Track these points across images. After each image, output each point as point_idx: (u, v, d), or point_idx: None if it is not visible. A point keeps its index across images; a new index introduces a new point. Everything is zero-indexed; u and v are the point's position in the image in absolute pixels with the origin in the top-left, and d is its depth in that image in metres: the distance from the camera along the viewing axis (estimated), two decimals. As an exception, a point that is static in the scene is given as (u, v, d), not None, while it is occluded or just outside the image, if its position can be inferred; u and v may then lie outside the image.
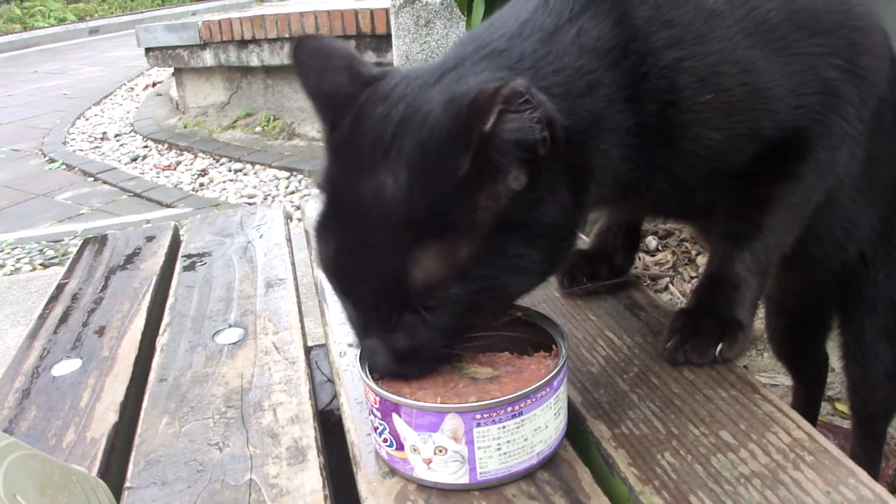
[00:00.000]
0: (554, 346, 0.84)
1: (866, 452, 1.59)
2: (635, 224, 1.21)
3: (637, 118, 0.85)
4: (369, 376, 0.80)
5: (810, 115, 0.94)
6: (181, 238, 1.57)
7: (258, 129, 5.82)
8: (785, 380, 2.01)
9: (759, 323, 1.93)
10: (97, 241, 1.57)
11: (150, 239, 1.56)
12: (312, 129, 5.55)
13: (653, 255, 3.06)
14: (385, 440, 0.79)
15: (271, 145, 5.50)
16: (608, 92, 0.83)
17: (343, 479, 0.84)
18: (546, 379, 0.75)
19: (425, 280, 0.72)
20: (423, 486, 0.78)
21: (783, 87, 0.91)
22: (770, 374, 2.17)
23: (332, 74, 0.82)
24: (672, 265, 2.83)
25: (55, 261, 3.77)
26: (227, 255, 1.41)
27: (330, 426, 0.98)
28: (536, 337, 0.86)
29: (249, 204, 4.45)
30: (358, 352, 0.83)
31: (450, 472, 0.75)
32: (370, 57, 4.96)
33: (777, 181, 0.97)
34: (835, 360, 1.65)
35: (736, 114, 0.90)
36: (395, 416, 0.76)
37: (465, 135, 0.70)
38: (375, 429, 0.80)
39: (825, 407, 1.99)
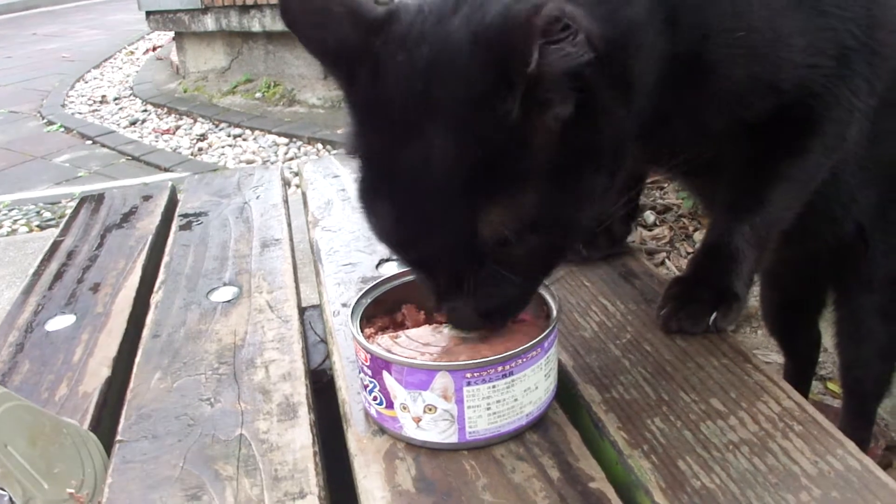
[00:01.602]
0: (545, 307, 0.84)
1: (856, 431, 1.58)
2: (634, 194, 1.20)
3: (671, 47, 0.81)
4: (360, 332, 0.80)
5: (824, 79, 0.93)
6: (178, 198, 1.56)
7: (258, 94, 5.80)
8: (778, 357, 2.02)
9: (754, 300, 1.93)
10: (94, 200, 1.57)
11: (146, 198, 1.56)
12: (313, 95, 5.52)
13: (650, 230, 3.06)
14: (375, 398, 0.79)
15: (271, 111, 5.47)
16: (646, 7, 0.78)
17: (333, 437, 0.85)
18: (537, 339, 0.75)
19: (498, 237, 0.69)
20: (412, 445, 0.78)
21: (804, 40, 0.90)
22: (763, 350, 2.17)
23: (334, 27, 0.74)
24: (669, 240, 2.83)
25: (52, 223, 3.76)
26: (223, 215, 1.41)
27: (322, 386, 0.98)
28: None
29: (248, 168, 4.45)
30: (350, 308, 0.83)
31: (439, 431, 0.76)
32: None
33: (784, 155, 0.97)
34: (827, 339, 1.65)
35: (761, 57, 0.88)
36: (385, 373, 0.76)
37: (506, 78, 0.65)
38: (365, 387, 0.80)
39: (817, 386, 2.00)
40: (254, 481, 0.75)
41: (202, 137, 5.13)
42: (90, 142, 5.25)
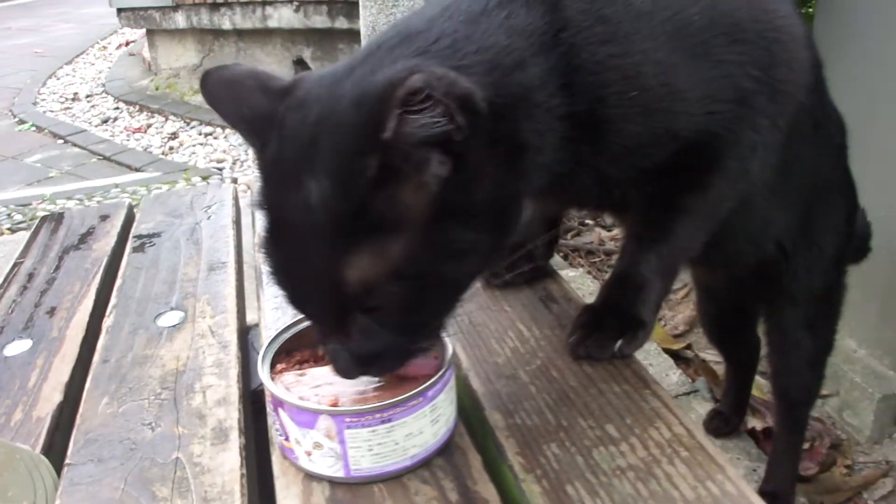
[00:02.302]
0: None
1: (788, 435, 1.68)
2: (555, 218, 1.26)
3: (570, 108, 0.86)
4: (266, 370, 0.88)
5: (723, 122, 0.96)
6: (135, 216, 1.63)
7: (230, 92, 5.83)
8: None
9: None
10: (53, 220, 1.63)
11: (104, 218, 1.62)
12: (284, 93, 5.56)
13: (609, 231, 3.14)
14: (277, 430, 0.86)
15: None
16: (540, 72, 0.83)
17: (268, 457, 0.92)
18: (416, 391, 0.80)
19: (362, 282, 0.73)
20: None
21: (700, 91, 0.93)
22: (714, 352, 2.26)
23: (248, 97, 0.81)
24: (625, 241, 2.90)
25: (23, 225, 3.81)
26: (175, 236, 1.47)
27: (261, 406, 1.05)
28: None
29: (218, 169, 4.50)
30: (264, 346, 0.90)
31: (327, 466, 0.82)
32: (342, 23, 4.99)
33: (686, 190, 1.01)
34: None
35: (655, 112, 0.92)
36: (280, 410, 0.83)
37: (370, 138, 0.69)
38: (273, 419, 0.87)
39: (767, 385, 2.08)
40: (186, 502, 0.82)
41: (173, 136, 5.18)
42: (62, 141, 5.30)
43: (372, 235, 0.72)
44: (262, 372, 0.88)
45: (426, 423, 0.82)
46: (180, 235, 1.47)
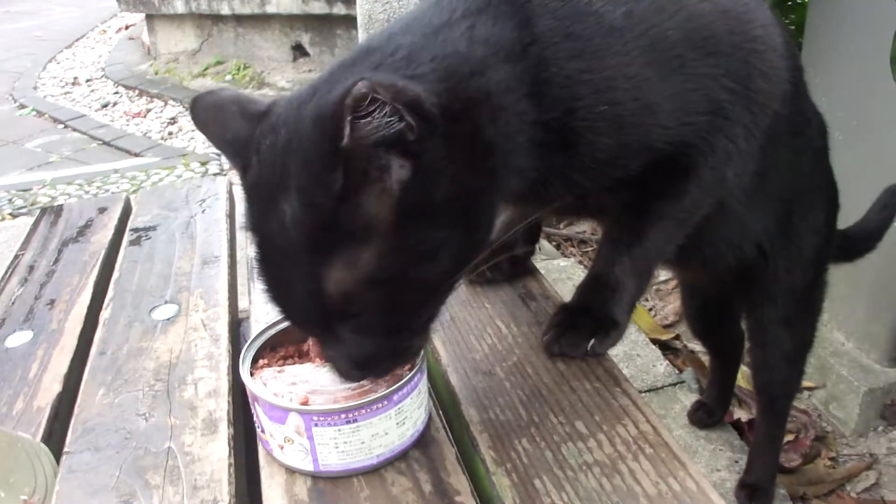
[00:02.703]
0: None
1: (769, 428, 1.73)
2: (536, 227, 1.29)
3: (539, 116, 0.88)
4: (247, 366, 0.93)
5: (699, 133, 0.99)
6: (132, 209, 1.67)
7: (228, 77, 5.87)
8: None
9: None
10: (53, 213, 1.67)
11: (102, 210, 1.67)
12: (282, 78, 5.60)
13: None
14: (256, 423, 0.92)
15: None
16: (505, 78, 0.86)
17: (255, 448, 0.96)
18: (380, 395, 0.84)
19: (341, 293, 0.76)
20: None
21: (673, 105, 0.95)
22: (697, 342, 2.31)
23: (231, 122, 0.86)
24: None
25: (24, 210, 3.85)
26: (170, 229, 1.52)
27: (250, 398, 1.10)
28: None
29: (217, 154, 4.53)
30: (248, 342, 0.95)
31: (298, 459, 0.87)
32: (340, 9, 5.01)
33: (661, 197, 1.04)
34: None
35: (627, 126, 0.94)
36: (256, 405, 0.89)
37: (330, 151, 0.72)
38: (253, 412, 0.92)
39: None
40: (176, 489, 0.87)
41: (173, 121, 5.21)
42: (62, 126, 5.33)
43: (344, 247, 0.75)
44: (242, 368, 0.93)
45: (391, 425, 0.86)
46: (175, 229, 1.52)
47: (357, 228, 0.75)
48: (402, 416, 0.86)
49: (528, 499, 0.82)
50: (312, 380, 0.91)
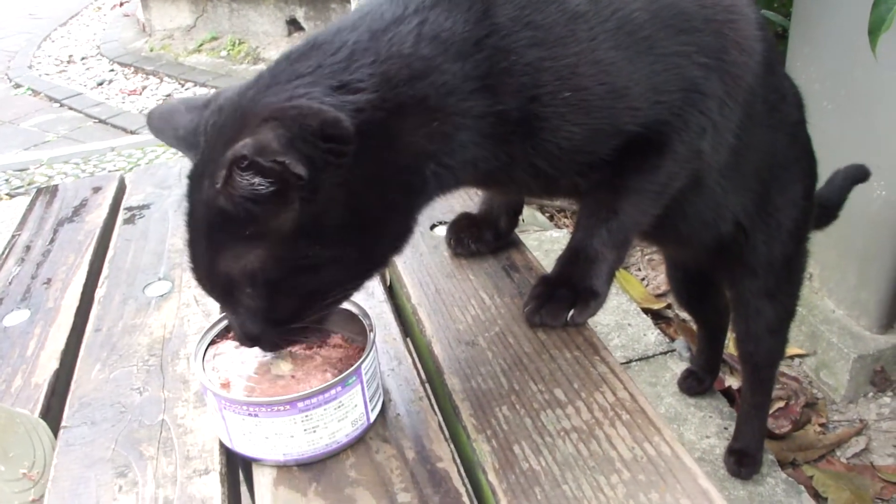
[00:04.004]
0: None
1: (755, 396, 1.77)
2: (517, 204, 1.31)
3: (492, 108, 0.90)
4: (202, 341, 0.97)
5: (671, 110, 1.00)
6: (126, 187, 1.70)
7: (223, 53, 5.87)
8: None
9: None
10: (48, 193, 1.70)
11: (96, 190, 1.69)
12: (277, 53, 5.48)
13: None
14: None
15: (236, 70, 5.55)
16: (448, 79, 0.87)
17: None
18: (285, 398, 0.85)
19: (227, 276, 0.84)
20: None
21: (643, 86, 0.96)
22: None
23: (179, 119, 0.93)
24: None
25: (21, 190, 3.86)
26: (163, 208, 1.55)
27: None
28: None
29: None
30: (202, 336, 0.98)
31: (220, 430, 0.91)
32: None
33: (636, 172, 1.05)
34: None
35: (595, 110, 0.95)
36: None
37: (229, 164, 0.76)
38: None
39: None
40: (170, 460, 0.91)
41: (168, 98, 5.21)
42: (58, 105, 5.35)
43: (234, 240, 0.82)
44: (201, 340, 0.97)
45: (298, 430, 0.86)
46: (168, 207, 1.55)
47: (250, 230, 0.81)
48: (312, 424, 0.86)
49: (508, 464, 0.85)
50: (248, 361, 0.94)
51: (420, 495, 0.83)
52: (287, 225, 0.80)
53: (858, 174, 1.73)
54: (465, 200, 1.38)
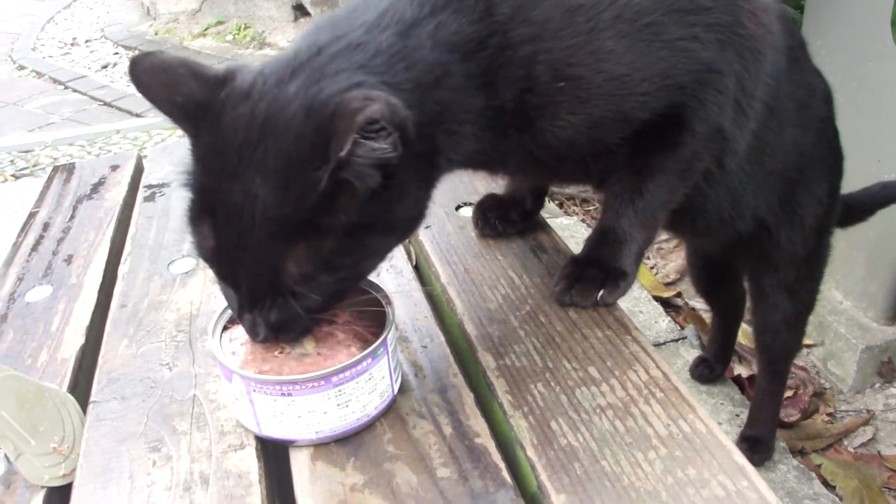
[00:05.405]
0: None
1: (770, 385, 1.78)
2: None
3: (490, 102, 0.91)
4: (216, 326, 0.95)
5: (684, 92, 1.00)
6: (143, 167, 1.69)
7: (229, 37, 5.85)
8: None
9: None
10: (66, 170, 1.69)
11: (114, 168, 1.68)
12: (283, 38, 5.58)
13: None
14: None
15: (242, 54, 5.53)
16: (458, 81, 0.88)
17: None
18: (316, 374, 0.85)
19: (298, 272, 0.81)
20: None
21: (649, 72, 0.96)
22: (702, 300, 2.34)
23: (181, 84, 0.83)
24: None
25: (26, 171, 3.85)
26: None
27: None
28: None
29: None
30: (214, 322, 0.96)
31: (246, 418, 0.90)
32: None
33: (658, 151, 1.06)
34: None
35: (593, 99, 0.96)
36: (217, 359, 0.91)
37: (323, 153, 0.74)
38: None
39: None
40: (203, 435, 0.91)
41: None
42: (62, 87, 5.32)
43: (310, 235, 0.80)
44: (216, 322, 0.95)
45: (331, 406, 0.86)
46: (189, 186, 1.54)
47: (325, 223, 0.79)
48: (345, 398, 0.87)
49: (546, 440, 0.85)
50: (273, 346, 0.92)
51: (459, 470, 0.83)
52: (362, 206, 0.80)
53: (890, 192, 1.72)
54: (488, 182, 1.37)
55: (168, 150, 1.74)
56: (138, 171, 1.68)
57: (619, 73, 0.95)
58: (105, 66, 5.68)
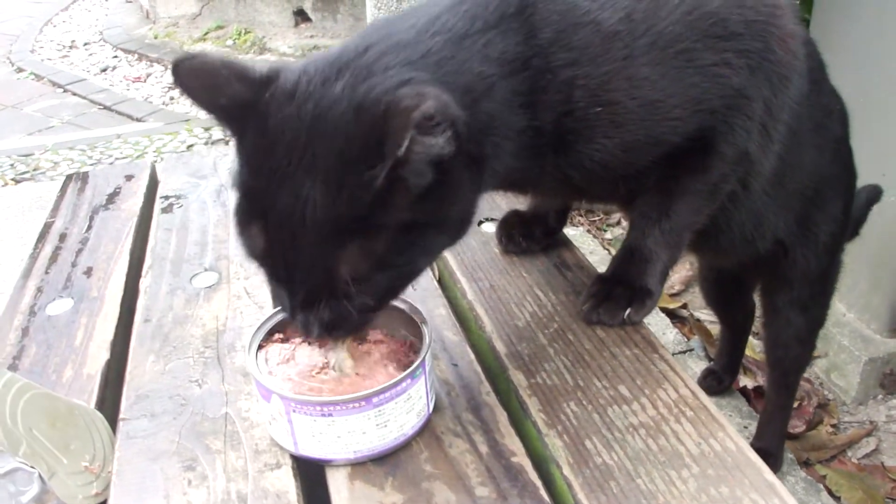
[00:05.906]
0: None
1: (779, 398, 1.79)
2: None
3: (531, 122, 0.93)
4: (252, 346, 0.95)
5: (715, 117, 1.02)
6: (158, 177, 1.69)
7: (229, 42, 5.84)
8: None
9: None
10: (79, 179, 1.69)
11: (129, 178, 1.68)
12: (284, 43, 5.57)
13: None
14: None
15: (242, 59, 5.50)
16: (504, 95, 0.90)
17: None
18: (357, 395, 0.86)
19: (352, 273, 0.79)
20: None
21: (682, 98, 0.98)
22: (708, 312, 2.35)
23: (225, 86, 0.83)
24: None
25: (27, 175, 3.84)
26: (201, 197, 1.54)
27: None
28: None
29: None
30: (249, 341, 0.96)
31: (283, 437, 0.90)
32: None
33: (685, 174, 1.07)
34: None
35: (628, 124, 0.97)
36: (254, 379, 0.91)
37: (378, 152, 0.74)
38: None
39: (760, 345, 2.16)
40: (238, 454, 0.91)
41: (173, 86, 5.17)
42: (61, 90, 5.30)
43: (365, 235, 0.79)
44: (251, 341, 0.96)
45: (370, 426, 0.87)
46: (206, 197, 1.54)
47: (380, 222, 0.79)
48: (384, 418, 0.87)
49: (581, 459, 0.86)
50: (307, 363, 0.93)
51: (497, 489, 0.83)
52: (415, 205, 0.80)
53: (873, 195, 1.74)
54: (510, 198, 1.38)
55: (182, 160, 1.74)
56: (153, 181, 1.68)
57: (654, 98, 0.97)
58: (104, 70, 5.66)
